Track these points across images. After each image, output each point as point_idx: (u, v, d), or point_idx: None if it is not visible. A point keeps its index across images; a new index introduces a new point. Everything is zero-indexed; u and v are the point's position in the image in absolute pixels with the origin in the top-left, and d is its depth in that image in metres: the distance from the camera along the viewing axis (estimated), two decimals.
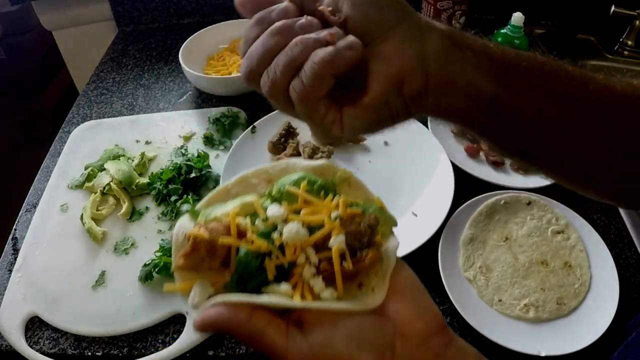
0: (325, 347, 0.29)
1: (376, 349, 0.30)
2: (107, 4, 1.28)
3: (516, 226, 0.71)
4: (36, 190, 0.85)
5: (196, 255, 0.31)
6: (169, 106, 1.01)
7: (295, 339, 0.30)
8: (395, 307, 0.31)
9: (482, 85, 0.33)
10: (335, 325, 0.30)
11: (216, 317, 0.30)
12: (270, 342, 0.30)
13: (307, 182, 0.34)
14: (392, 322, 0.31)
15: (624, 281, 0.64)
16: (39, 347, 0.63)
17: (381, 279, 0.32)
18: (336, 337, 0.30)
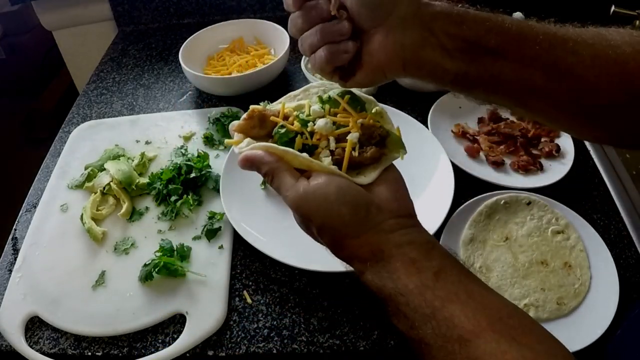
0: (319, 188, 0.40)
1: (353, 204, 0.40)
2: (107, 4, 1.28)
3: (516, 226, 0.71)
4: (36, 190, 0.85)
5: (250, 122, 0.45)
6: (169, 106, 1.01)
7: (301, 181, 0.41)
8: (379, 189, 0.42)
9: (447, 65, 0.41)
10: (332, 178, 0.41)
11: (256, 153, 0.43)
12: (284, 178, 0.41)
13: (350, 97, 0.46)
14: (373, 196, 0.41)
15: (624, 281, 0.64)
16: (39, 347, 0.63)
17: (374, 171, 0.43)
18: (330, 184, 0.40)
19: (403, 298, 0.37)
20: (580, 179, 0.80)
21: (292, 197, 0.41)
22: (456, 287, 0.37)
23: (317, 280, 0.67)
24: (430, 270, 0.37)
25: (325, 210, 0.40)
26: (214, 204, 0.77)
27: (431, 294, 0.36)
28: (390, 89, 1.00)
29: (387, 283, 0.38)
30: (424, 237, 0.40)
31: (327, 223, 0.40)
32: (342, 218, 0.39)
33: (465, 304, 0.35)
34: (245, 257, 0.71)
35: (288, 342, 0.62)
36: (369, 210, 0.40)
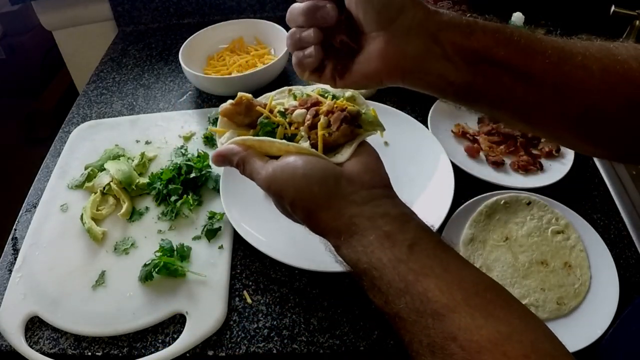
0: (287, 164, 0.41)
1: (321, 176, 0.40)
2: (107, 4, 1.28)
3: (516, 226, 0.71)
4: (36, 190, 0.85)
5: (237, 108, 0.48)
6: (169, 106, 1.01)
7: (270, 163, 0.42)
8: (351, 164, 0.43)
9: (452, 77, 0.40)
10: (300, 156, 0.42)
11: (225, 148, 0.45)
12: (253, 164, 0.43)
13: (322, 90, 0.50)
14: (344, 169, 0.42)
15: (624, 281, 0.64)
16: (39, 347, 0.63)
17: (348, 149, 0.44)
18: (297, 161, 0.41)
19: (377, 272, 0.36)
20: (580, 179, 0.80)
21: (262, 177, 0.42)
22: (431, 260, 0.36)
23: (317, 280, 0.67)
24: (405, 243, 0.37)
25: (294, 185, 0.40)
26: (214, 204, 0.77)
27: (405, 268, 0.35)
28: (390, 89, 1.00)
29: (361, 257, 0.37)
30: (398, 209, 0.40)
31: (297, 197, 0.40)
32: (312, 190, 0.40)
33: (440, 278, 0.35)
34: (245, 257, 0.71)
35: (288, 342, 0.62)
36: (338, 181, 0.41)
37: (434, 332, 0.33)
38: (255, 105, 0.48)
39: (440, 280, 0.35)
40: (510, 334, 0.32)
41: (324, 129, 0.45)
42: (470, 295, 0.34)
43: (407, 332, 0.35)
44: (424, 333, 0.33)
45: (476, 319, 0.32)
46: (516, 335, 0.32)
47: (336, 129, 0.44)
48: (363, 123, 0.46)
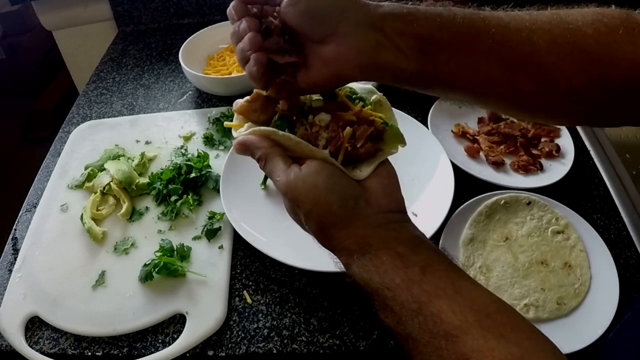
0: (309, 175, 0.40)
1: (342, 194, 0.40)
2: (107, 4, 1.28)
3: (516, 226, 0.71)
4: (36, 190, 0.85)
5: (253, 105, 0.45)
6: (169, 106, 1.01)
7: (293, 167, 0.41)
8: (370, 184, 0.42)
9: (403, 65, 0.40)
10: (324, 167, 0.40)
11: (249, 138, 0.43)
12: (276, 163, 0.42)
13: (349, 90, 0.47)
14: (363, 189, 0.41)
15: (624, 281, 0.64)
16: (39, 347, 0.63)
17: (369, 167, 0.43)
18: (320, 173, 0.40)
19: (390, 292, 0.36)
20: (580, 179, 0.80)
21: (283, 181, 0.41)
22: (444, 282, 0.36)
23: (317, 280, 0.67)
24: (417, 264, 0.37)
25: (313, 197, 0.40)
26: (214, 204, 0.77)
27: (418, 289, 0.35)
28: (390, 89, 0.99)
29: (373, 277, 0.37)
30: (412, 233, 0.40)
31: (314, 210, 0.40)
32: (330, 207, 0.39)
33: (453, 300, 0.35)
34: (245, 257, 0.71)
35: (288, 342, 0.62)
36: (358, 203, 0.40)
37: (446, 352, 0.33)
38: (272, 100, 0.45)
39: (453, 302, 0.35)
40: (521, 356, 0.32)
41: (348, 142, 0.42)
42: (482, 317, 0.34)
43: (419, 354, 0.35)
44: (436, 354, 0.34)
45: (488, 341, 0.33)
46: (527, 357, 0.32)
47: (361, 145, 0.43)
48: (386, 137, 0.45)
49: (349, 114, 0.44)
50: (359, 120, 0.44)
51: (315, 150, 0.42)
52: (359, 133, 0.43)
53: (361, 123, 0.43)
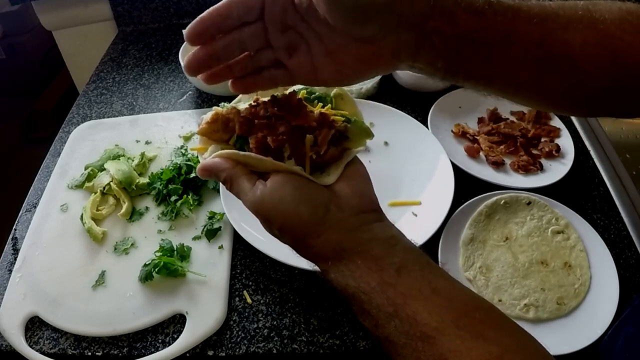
0: (275, 190, 0.39)
1: (312, 202, 0.39)
2: (107, 4, 1.28)
3: (516, 226, 0.71)
4: (36, 190, 0.85)
5: (214, 126, 0.45)
6: (169, 106, 1.01)
7: (258, 185, 0.40)
8: (339, 187, 0.41)
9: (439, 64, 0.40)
10: (289, 179, 0.40)
11: (213, 162, 0.43)
12: (241, 183, 0.41)
13: (306, 91, 0.45)
14: (333, 194, 0.40)
15: (624, 281, 0.64)
16: (39, 347, 0.63)
17: (337, 169, 0.42)
18: (286, 185, 0.39)
19: (366, 296, 0.36)
20: (580, 179, 0.80)
21: (250, 200, 0.40)
22: (419, 282, 0.36)
23: (317, 280, 0.67)
24: (393, 267, 0.36)
25: (283, 211, 0.39)
26: (214, 204, 0.77)
27: (393, 291, 0.35)
28: (390, 89, 1.00)
29: (349, 282, 0.37)
30: (387, 233, 0.39)
31: (286, 224, 0.40)
32: (301, 218, 0.39)
33: (429, 300, 0.34)
34: (245, 257, 0.71)
35: (288, 342, 0.62)
36: (328, 209, 0.39)
37: (424, 355, 0.33)
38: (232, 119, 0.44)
39: (429, 302, 0.34)
40: (501, 355, 0.32)
41: (310, 150, 0.41)
42: (459, 317, 0.34)
43: (397, 356, 0.35)
44: (414, 356, 0.33)
45: (466, 341, 0.32)
46: (507, 355, 0.32)
47: (324, 152, 0.41)
48: (351, 134, 0.43)
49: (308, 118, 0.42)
50: (319, 123, 0.42)
51: (278, 164, 0.40)
52: (320, 139, 0.41)
53: (322, 126, 0.41)
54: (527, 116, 0.90)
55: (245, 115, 0.43)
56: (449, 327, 0.33)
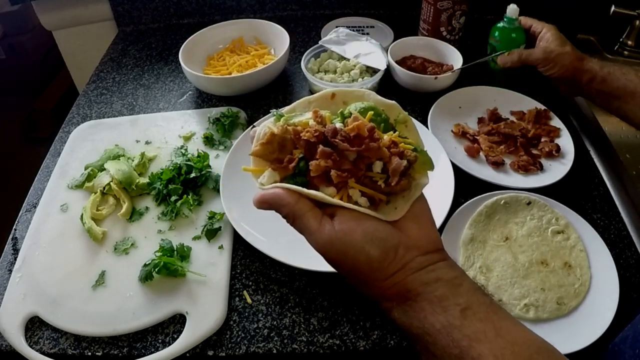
0: (346, 234, 0.38)
1: (383, 247, 0.38)
2: (107, 4, 1.28)
3: (516, 226, 0.71)
4: (36, 190, 0.85)
5: (269, 147, 0.41)
6: (169, 106, 1.01)
7: (325, 225, 0.39)
8: (407, 225, 0.40)
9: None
10: (359, 221, 0.39)
11: (273, 194, 0.40)
12: (306, 222, 0.39)
13: (373, 113, 0.42)
14: (402, 234, 0.40)
15: (624, 281, 0.64)
16: (39, 347, 0.63)
17: (405, 203, 0.40)
18: (357, 230, 0.38)
19: (430, 338, 0.37)
20: (580, 179, 0.80)
21: (318, 242, 0.39)
22: (484, 324, 0.36)
23: (317, 280, 0.67)
24: (457, 308, 0.37)
25: (352, 257, 0.38)
26: (214, 204, 0.77)
27: (458, 333, 0.36)
28: (390, 89, 1.00)
29: (414, 322, 0.38)
30: (451, 273, 0.40)
31: (355, 269, 0.39)
32: (371, 264, 0.39)
33: (493, 343, 0.35)
34: (245, 257, 0.71)
35: (288, 342, 0.62)
36: (397, 251, 0.39)
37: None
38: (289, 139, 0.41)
39: (494, 345, 0.35)
40: None
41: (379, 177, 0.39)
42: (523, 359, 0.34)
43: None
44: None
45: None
46: None
47: (395, 183, 0.39)
48: (416, 165, 0.41)
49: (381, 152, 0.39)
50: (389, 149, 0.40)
51: (345, 205, 0.39)
52: (392, 169, 0.39)
53: (391, 154, 0.40)
54: (527, 116, 0.90)
55: (308, 138, 0.40)
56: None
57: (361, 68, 0.98)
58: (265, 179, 0.41)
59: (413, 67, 0.99)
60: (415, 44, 1.05)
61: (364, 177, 0.40)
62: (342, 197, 0.40)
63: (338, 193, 0.40)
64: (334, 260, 0.40)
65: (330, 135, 0.40)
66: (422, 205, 0.42)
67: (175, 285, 0.66)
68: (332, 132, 0.40)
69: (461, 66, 0.95)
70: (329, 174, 0.39)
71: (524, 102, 0.93)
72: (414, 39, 1.05)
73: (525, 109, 0.92)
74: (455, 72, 0.95)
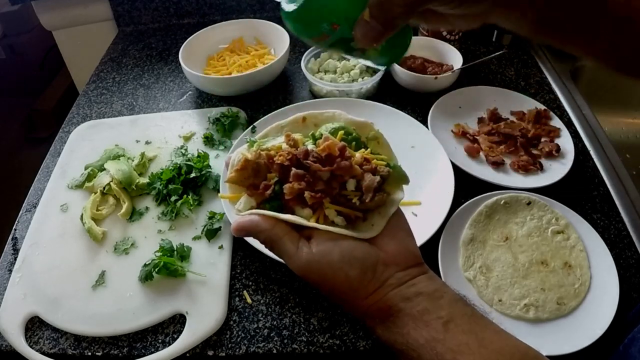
0: (323, 256, 0.39)
1: (361, 266, 0.39)
2: (107, 4, 1.28)
3: (516, 226, 0.71)
4: (36, 190, 0.85)
5: (244, 173, 0.42)
6: (169, 106, 1.01)
7: (303, 248, 0.39)
8: (385, 242, 0.41)
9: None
10: (335, 242, 0.39)
11: (250, 222, 0.41)
12: (283, 246, 0.40)
13: (344, 132, 0.43)
14: (379, 251, 0.40)
15: (624, 281, 0.64)
16: (39, 347, 0.63)
17: (381, 219, 0.41)
18: (334, 251, 0.39)
19: (415, 353, 0.37)
20: (580, 179, 0.80)
21: (297, 266, 0.40)
22: (467, 336, 0.36)
23: None
24: (439, 321, 0.37)
25: (332, 277, 0.39)
26: (214, 204, 0.77)
27: (442, 347, 0.36)
28: (390, 89, 1.00)
29: (397, 338, 0.38)
30: (431, 286, 0.40)
31: (335, 289, 0.40)
32: (350, 284, 0.39)
33: (477, 354, 0.35)
34: (245, 257, 0.71)
35: (288, 342, 0.62)
36: (376, 269, 0.40)
37: None
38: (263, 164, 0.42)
39: (477, 356, 0.35)
40: None
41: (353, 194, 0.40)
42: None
43: None
44: None
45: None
46: None
47: (369, 199, 0.40)
48: (390, 181, 0.42)
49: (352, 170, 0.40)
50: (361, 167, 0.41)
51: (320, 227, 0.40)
52: (365, 186, 0.40)
53: (364, 172, 0.40)
54: (527, 116, 0.90)
55: (281, 162, 0.41)
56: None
57: (361, 68, 0.98)
58: (241, 206, 0.42)
59: (413, 67, 0.99)
60: (415, 44, 1.05)
61: (338, 195, 0.41)
62: (318, 218, 0.40)
63: (314, 214, 0.41)
64: (315, 282, 0.40)
65: (302, 157, 0.40)
66: (399, 220, 0.43)
67: (175, 285, 0.66)
68: (304, 154, 0.40)
69: (461, 66, 0.95)
70: (303, 196, 0.39)
71: (524, 102, 0.93)
72: (414, 39, 1.05)
73: (525, 109, 0.92)
74: (455, 72, 0.95)
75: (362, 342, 0.61)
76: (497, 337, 0.37)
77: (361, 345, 0.61)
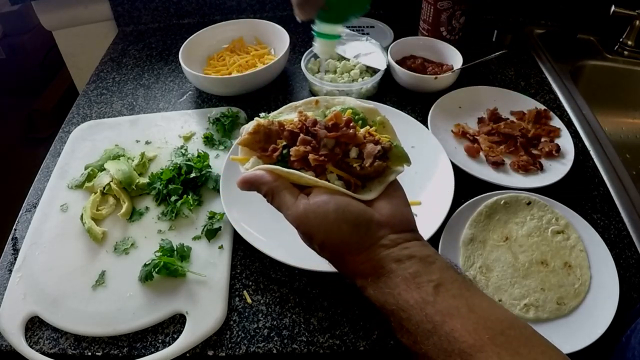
0: (319, 206, 0.40)
1: (355, 221, 0.40)
2: (107, 4, 1.28)
3: (516, 226, 0.71)
4: (36, 190, 0.85)
5: (256, 137, 0.45)
6: (169, 106, 1.01)
7: (301, 200, 0.41)
8: (380, 205, 0.42)
9: None
10: (332, 196, 0.41)
11: (254, 174, 0.43)
12: (283, 198, 0.42)
13: (352, 112, 0.47)
14: (374, 212, 0.41)
15: (624, 281, 0.64)
16: (39, 347, 0.63)
17: (379, 186, 0.43)
18: (330, 202, 0.40)
19: (405, 314, 0.37)
20: (580, 179, 0.80)
21: (293, 215, 0.41)
22: (457, 300, 0.37)
23: (317, 280, 0.67)
24: (430, 284, 0.37)
25: (325, 229, 0.40)
26: (214, 204, 0.77)
27: (432, 309, 0.36)
28: (390, 89, 1.00)
29: (388, 299, 0.38)
30: (424, 252, 0.40)
31: (327, 241, 0.41)
32: (343, 236, 0.40)
33: (466, 318, 0.35)
34: (245, 257, 0.71)
35: (288, 342, 0.62)
36: (369, 227, 0.40)
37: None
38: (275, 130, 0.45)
39: (467, 320, 0.35)
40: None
41: (355, 162, 0.43)
42: (495, 334, 0.35)
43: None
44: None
45: (502, 358, 0.33)
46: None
47: (369, 164, 0.42)
48: (392, 156, 0.45)
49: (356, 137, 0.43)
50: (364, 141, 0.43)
51: (320, 182, 0.41)
52: (366, 152, 0.43)
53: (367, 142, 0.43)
54: (527, 116, 0.90)
55: (291, 129, 0.44)
56: (486, 344, 0.34)
57: (361, 68, 0.98)
58: (249, 165, 0.45)
59: (413, 67, 0.99)
60: (415, 44, 1.05)
61: (341, 162, 0.43)
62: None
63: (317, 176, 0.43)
64: (307, 233, 0.41)
65: (310, 125, 0.44)
66: (396, 190, 0.45)
67: (175, 285, 0.66)
68: (312, 123, 0.44)
69: (461, 66, 0.95)
70: (308, 160, 0.42)
71: (524, 102, 0.93)
72: (413, 39, 1.05)
73: (525, 109, 0.92)
74: (455, 72, 0.95)
75: (362, 342, 0.61)
76: (487, 305, 0.37)
77: (361, 345, 0.61)
